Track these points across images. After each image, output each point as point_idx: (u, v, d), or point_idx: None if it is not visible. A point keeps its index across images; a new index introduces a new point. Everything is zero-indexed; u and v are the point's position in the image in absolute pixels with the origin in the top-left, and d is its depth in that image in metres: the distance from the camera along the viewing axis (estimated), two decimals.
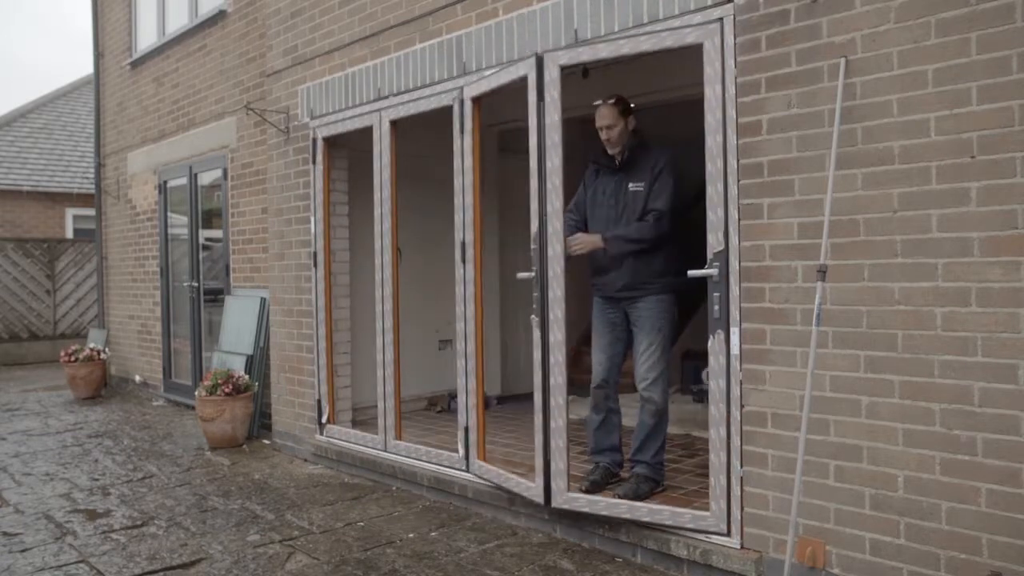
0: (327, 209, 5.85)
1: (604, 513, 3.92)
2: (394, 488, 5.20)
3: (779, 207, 3.36)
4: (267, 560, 3.98)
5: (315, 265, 5.88)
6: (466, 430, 4.77)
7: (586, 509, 3.98)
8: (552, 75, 4.06)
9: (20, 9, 52.44)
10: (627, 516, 3.86)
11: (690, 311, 8.18)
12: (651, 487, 4.16)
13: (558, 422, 4.09)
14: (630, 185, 4.21)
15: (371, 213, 5.43)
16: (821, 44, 3.22)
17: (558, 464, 4.09)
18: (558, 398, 4.08)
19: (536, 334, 4.15)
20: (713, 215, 3.56)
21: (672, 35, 3.67)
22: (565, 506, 4.06)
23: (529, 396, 7.32)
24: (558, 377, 4.08)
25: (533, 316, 4.15)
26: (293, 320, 6.20)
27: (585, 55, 3.97)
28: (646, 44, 3.76)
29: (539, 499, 4.15)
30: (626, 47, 3.82)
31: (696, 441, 5.56)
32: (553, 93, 4.06)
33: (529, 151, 4.16)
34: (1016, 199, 2.76)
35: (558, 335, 4.09)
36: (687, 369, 7.46)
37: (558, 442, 4.09)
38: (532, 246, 4.16)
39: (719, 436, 3.55)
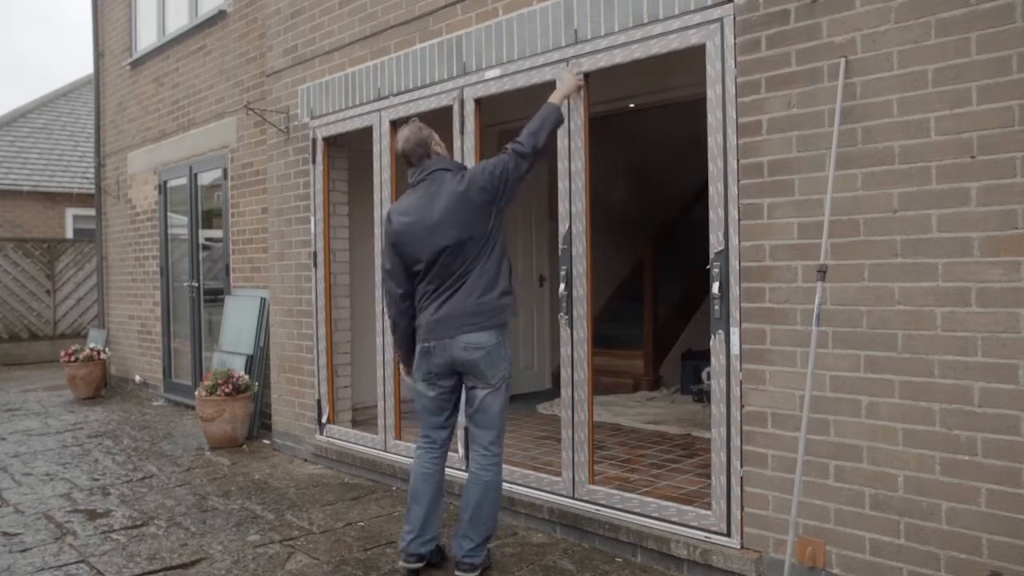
0: (327, 209, 5.85)
1: (619, 506, 3.99)
2: (394, 488, 5.20)
3: (779, 207, 3.36)
4: (267, 560, 3.98)
5: (315, 265, 5.88)
6: (466, 430, 4.77)
7: (604, 501, 4.06)
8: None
9: (21, 7, 52.43)
10: (638, 510, 3.91)
11: (690, 311, 8.24)
12: None
13: (580, 416, 4.15)
14: None
15: (371, 213, 5.43)
16: (821, 44, 3.22)
17: (580, 457, 4.16)
18: (581, 392, 4.16)
19: (564, 332, 4.21)
20: (713, 215, 3.57)
21: (678, 37, 3.70)
22: (587, 498, 4.14)
23: (528, 396, 7.39)
24: (580, 372, 4.16)
25: (562, 314, 4.21)
26: (293, 320, 6.20)
27: (603, 61, 4.03)
28: (656, 47, 3.80)
29: (567, 492, 4.22)
30: (638, 51, 3.87)
31: (696, 441, 5.56)
32: (576, 99, 4.14)
33: (558, 154, 4.23)
34: (1016, 199, 2.76)
35: (581, 332, 4.15)
36: (687, 369, 7.46)
37: (580, 435, 4.15)
38: (562, 246, 4.22)
39: (720, 436, 3.56)
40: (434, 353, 3.64)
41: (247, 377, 6.63)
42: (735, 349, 3.51)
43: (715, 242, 3.56)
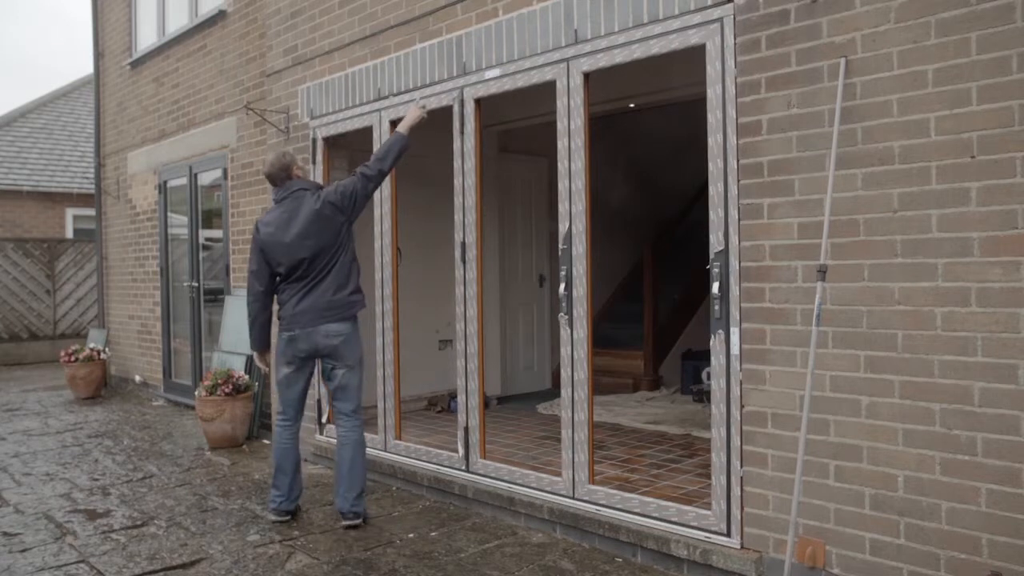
0: None
1: (619, 506, 3.99)
2: (394, 488, 5.20)
3: (779, 207, 3.36)
4: (267, 560, 3.98)
5: None
6: (466, 430, 4.77)
7: (603, 501, 4.06)
8: (576, 81, 4.14)
9: (22, 5, 52.40)
10: (638, 510, 3.91)
11: (690, 311, 8.24)
12: None
13: (580, 416, 4.14)
14: None
15: (371, 212, 5.43)
16: (821, 44, 3.22)
17: (579, 457, 4.15)
18: (580, 392, 4.15)
19: (564, 332, 4.21)
20: (713, 215, 3.57)
21: (678, 37, 3.70)
22: (586, 498, 4.13)
23: (528, 396, 7.39)
24: (580, 372, 4.15)
25: (562, 314, 4.22)
26: None
27: (603, 61, 4.03)
28: (656, 47, 3.80)
29: (567, 492, 4.22)
30: (638, 51, 3.87)
31: (696, 441, 5.56)
32: (576, 99, 4.13)
33: (558, 154, 4.23)
34: (1016, 199, 2.76)
35: (580, 332, 4.15)
36: (687, 369, 7.46)
37: (580, 435, 4.14)
38: (562, 246, 4.23)
39: (720, 436, 3.56)
40: (299, 339, 4.38)
41: (247, 377, 6.63)
42: (735, 349, 3.51)
43: (715, 242, 3.56)
